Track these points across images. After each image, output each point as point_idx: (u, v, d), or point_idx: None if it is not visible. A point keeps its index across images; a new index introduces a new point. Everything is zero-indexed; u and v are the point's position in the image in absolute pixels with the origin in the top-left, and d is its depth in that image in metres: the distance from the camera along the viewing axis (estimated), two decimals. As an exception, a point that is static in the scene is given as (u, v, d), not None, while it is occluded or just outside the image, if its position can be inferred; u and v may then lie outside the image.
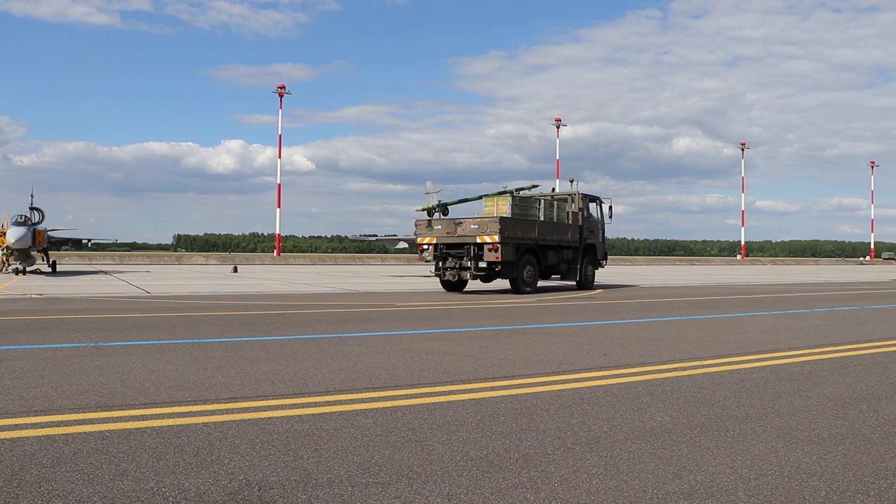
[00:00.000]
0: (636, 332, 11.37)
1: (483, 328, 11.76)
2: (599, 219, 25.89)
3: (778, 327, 12.22)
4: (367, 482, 3.82)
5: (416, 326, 11.94)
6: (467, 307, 16.26)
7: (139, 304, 15.93)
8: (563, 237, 23.37)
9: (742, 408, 5.67)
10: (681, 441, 4.67)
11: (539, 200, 23.12)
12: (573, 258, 23.88)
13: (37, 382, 6.37)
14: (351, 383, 6.51)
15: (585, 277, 24.39)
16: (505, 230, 20.59)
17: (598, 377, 6.99)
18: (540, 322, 13.01)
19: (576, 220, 24.22)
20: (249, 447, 4.41)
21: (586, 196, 25.10)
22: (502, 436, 4.74)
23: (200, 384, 6.40)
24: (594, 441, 4.64)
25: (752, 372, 7.41)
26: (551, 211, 23.22)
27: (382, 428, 4.90)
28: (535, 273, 21.97)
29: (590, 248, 24.92)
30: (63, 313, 13.55)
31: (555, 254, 23.03)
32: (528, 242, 21.74)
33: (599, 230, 25.75)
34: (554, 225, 23.09)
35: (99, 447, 4.36)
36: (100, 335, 10.01)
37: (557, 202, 23.75)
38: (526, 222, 21.76)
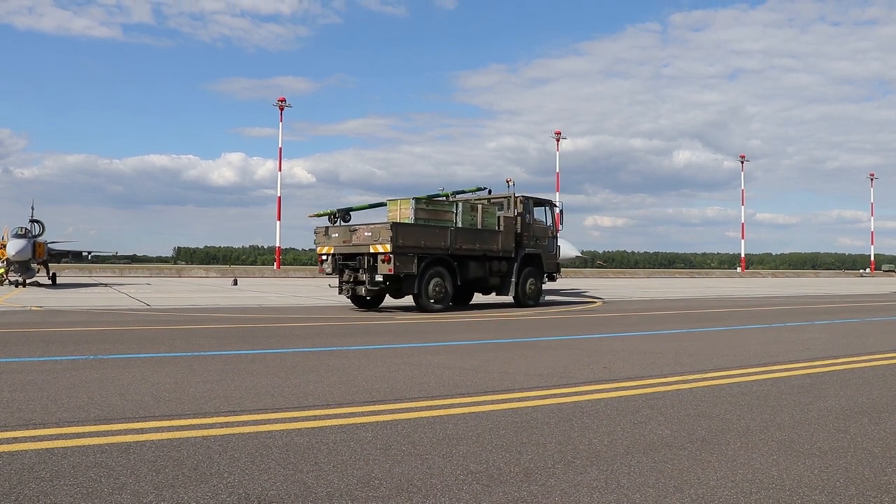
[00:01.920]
0: (637, 345, 11.35)
1: (483, 341, 11.74)
2: (551, 226, 22.94)
3: (778, 340, 12.20)
4: (366, 496, 3.81)
5: (415, 339, 11.92)
6: (467, 320, 16.24)
7: (139, 317, 15.91)
8: (491, 246, 20.36)
9: (743, 421, 5.66)
10: (681, 454, 4.65)
11: (457, 204, 20.20)
12: (507, 270, 20.93)
13: (36, 395, 6.35)
14: (351, 396, 6.50)
15: (524, 292, 21.20)
16: (400, 238, 17.98)
17: (599, 390, 6.97)
18: (540, 335, 12.99)
19: (510, 227, 21.01)
20: (249, 461, 4.39)
21: (530, 199, 22.19)
22: (502, 449, 4.72)
23: (200, 397, 6.39)
24: (595, 454, 4.63)
25: (753, 385, 7.39)
26: (472, 216, 20.24)
27: (382, 441, 4.89)
28: (445, 288, 18.96)
29: (532, 258, 21.78)
30: (63, 326, 13.54)
31: (479, 265, 20.15)
32: (437, 252, 18.92)
33: (549, 238, 22.70)
34: (476, 232, 20.03)
35: (98, 460, 4.35)
36: (99, 348, 10.00)
37: (483, 206, 20.61)
38: (432, 229, 18.96)
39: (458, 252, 19.38)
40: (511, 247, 20.88)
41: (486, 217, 20.50)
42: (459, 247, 19.41)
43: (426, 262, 18.59)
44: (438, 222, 19.31)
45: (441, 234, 19.06)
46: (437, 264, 18.98)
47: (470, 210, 20.27)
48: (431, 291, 18.67)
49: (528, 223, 21.69)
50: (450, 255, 19.21)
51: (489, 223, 20.51)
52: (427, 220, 19.13)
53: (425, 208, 19.31)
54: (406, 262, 18.12)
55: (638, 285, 46.62)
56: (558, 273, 23.78)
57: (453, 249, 19.23)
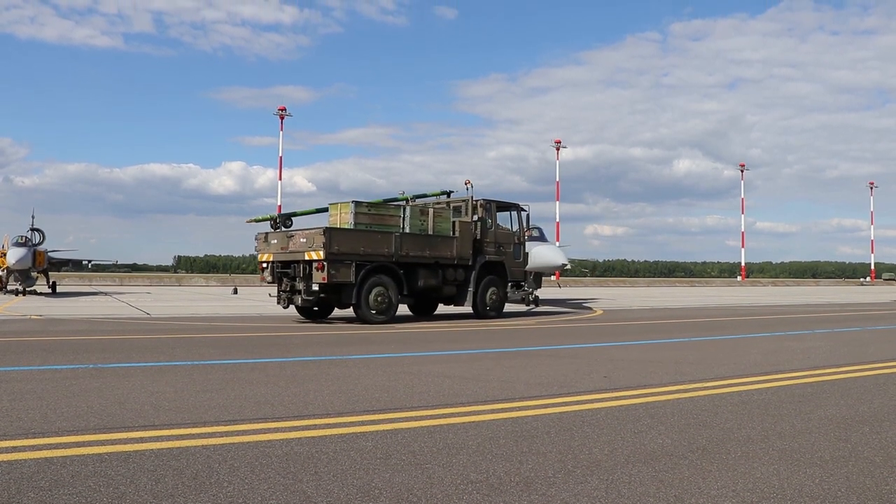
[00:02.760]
0: (637, 353, 11.34)
1: (483, 350, 11.73)
2: (517, 231, 21.41)
3: (779, 349, 12.18)
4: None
5: (416, 348, 11.92)
6: (468, 329, 16.23)
7: (139, 326, 15.90)
8: (444, 253, 18.98)
9: (744, 430, 5.65)
10: (682, 464, 4.64)
11: (404, 208, 18.92)
12: (464, 279, 19.51)
13: (35, 404, 6.34)
14: (351, 406, 6.49)
15: (483, 303, 19.75)
16: (335, 244, 16.78)
17: (599, 399, 6.96)
18: (540, 344, 12.98)
19: (466, 233, 19.55)
20: (249, 470, 4.38)
21: (492, 203, 20.72)
22: (503, 459, 4.71)
23: (200, 406, 6.38)
24: (595, 464, 4.62)
25: (754, 394, 7.38)
26: (422, 220, 18.86)
27: (382, 451, 4.88)
28: (389, 298, 17.64)
29: (493, 266, 20.34)
30: (62, 334, 13.53)
31: (431, 273, 18.77)
32: (380, 259, 17.66)
33: (515, 245, 21.22)
34: (426, 238, 18.66)
35: (97, 469, 4.34)
36: (99, 357, 9.99)
37: (435, 210, 19.34)
38: (374, 234, 17.72)
39: (404, 259, 18.16)
40: (468, 254, 19.56)
41: (439, 222, 19.19)
42: (406, 253, 18.17)
43: (367, 270, 17.35)
44: (382, 227, 18.13)
45: (384, 239, 17.86)
46: (380, 272, 17.74)
47: (419, 214, 18.96)
48: (373, 301, 17.36)
49: (489, 228, 20.37)
50: (395, 262, 17.99)
51: (442, 228, 19.20)
52: (369, 224, 17.93)
53: (367, 212, 18.11)
54: (342, 270, 16.96)
55: (638, 294, 46.59)
56: (530, 283, 22.16)
57: (399, 256, 18.01)
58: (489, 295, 19.95)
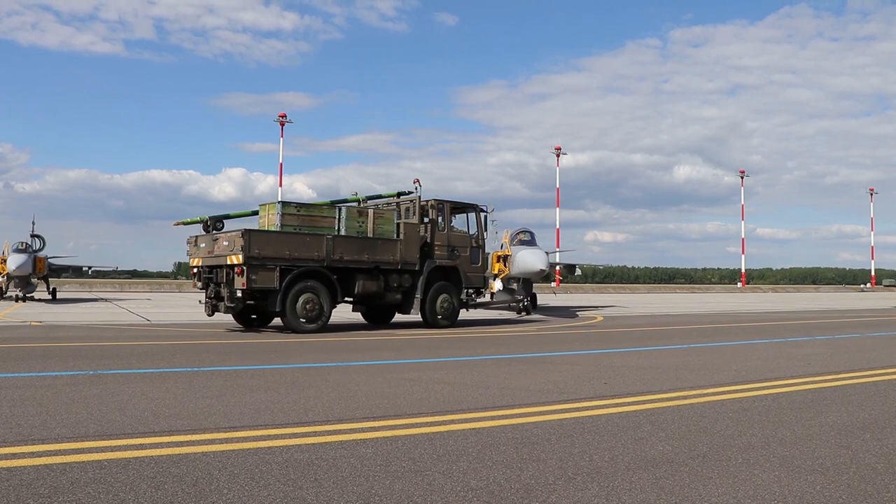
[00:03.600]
0: (637, 360, 11.32)
1: (483, 357, 11.72)
2: (477, 234, 20.01)
3: (779, 355, 12.17)
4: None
5: (416, 355, 11.91)
6: (468, 336, 16.22)
7: (139, 332, 15.89)
8: (385, 257, 17.78)
9: (744, 437, 5.64)
10: (683, 470, 4.63)
11: (339, 209, 17.82)
12: (411, 285, 18.34)
13: (35, 411, 6.33)
14: (351, 412, 6.48)
15: (433, 311, 18.44)
16: (255, 247, 15.79)
17: (600, 406, 6.95)
18: (540, 350, 12.97)
19: (412, 235, 18.32)
20: (249, 477, 4.37)
21: (445, 204, 19.44)
22: (503, 465, 4.70)
23: (200, 413, 6.37)
24: (596, 471, 4.61)
25: (754, 400, 7.37)
26: (360, 222, 17.70)
27: (382, 458, 4.87)
28: (320, 305, 16.56)
29: (445, 271, 19.05)
30: (62, 341, 13.52)
31: (370, 279, 17.59)
32: (310, 264, 16.62)
33: (472, 249, 19.75)
34: (364, 241, 17.51)
35: (97, 476, 4.33)
36: (99, 363, 9.98)
37: (375, 211, 18.30)
38: (302, 237, 16.66)
39: (339, 264, 17.09)
40: (414, 258, 18.28)
41: (381, 223, 18.03)
42: (340, 257, 17.08)
43: (293, 276, 16.31)
44: (313, 229, 17.03)
45: (314, 242, 16.77)
46: (309, 278, 16.61)
47: (357, 216, 17.78)
48: (301, 309, 16.28)
49: (440, 231, 19.11)
50: (327, 266, 16.89)
51: (384, 231, 18.03)
52: (298, 226, 16.89)
53: (296, 213, 17.06)
54: (264, 276, 15.95)
55: (638, 300, 46.58)
56: (484, 288, 20.66)
57: (332, 261, 16.93)
58: (440, 302, 18.63)
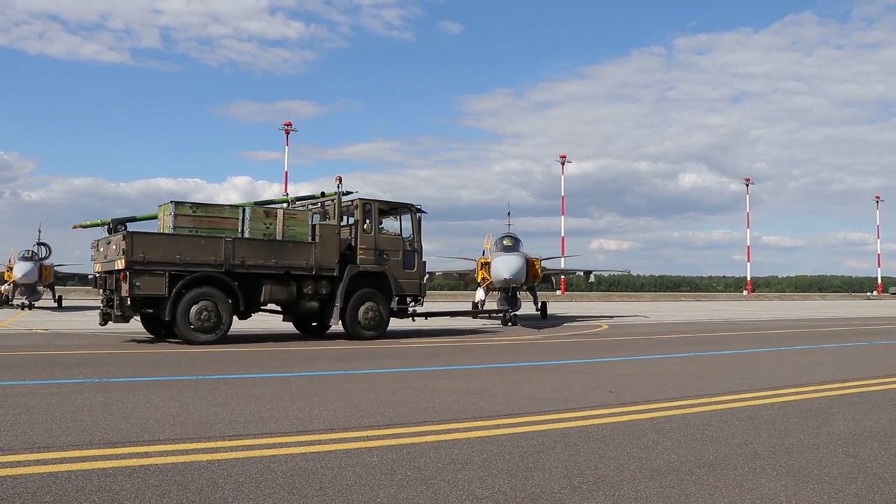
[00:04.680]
0: (643, 368, 11.29)
1: (488, 365, 11.70)
2: (410, 237, 18.43)
3: (786, 363, 12.12)
4: (371, 521, 3.78)
5: (421, 363, 11.89)
6: (473, 344, 16.21)
7: (144, 340, 15.89)
8: (297, 261, 16.35)
9: (750, 445, 5.61)
10: (689, 479, 4.61)
11: (243, 209, 16.35)
12: (329, 292, 16.87)
13: (40, 419, 6.34)
14: (356, 421, 6.47)
15: (355, 320, 16.93)
16: (140, 250, 14.58)
17: (605, 414, 6.93)
18: (545, 359, 12.95)
19: (330, 238, 16.82)
20: (254, 485, 4.37)
21: (373, 203, 17.88)
22: (508, 474, 4.69)
23: (205, 421, 6.37)
24: (601, 479, 4.59)
25: (761, 409, 7.34)
26: (268, 224, 16.24)
27: (387, 466, 4.86)
28: (218, 314, 15.20)
29: (370, 277, 17.55)
30: (68, 349, 13.54)
31: (280, 286, 16.25)
32: (206, 269, 15.25)
33: (405, 252, 18.14)
34: (271, 244, 16.07)
35: (102, 484, 4.33)
36: (104, 371, 9.99)
37: (286, 212, 16.88)
38: (195, 239, 15.30)
39: (241, 269, 15.69)
40: (333, 262, 16.81)
41: (292, 225, 16.56)
42: (242, 262, 15.65)
43: (185, 282, 15.01)
44: (213, 231, 15.65)
45: (211, 245, 15.37)
46: (204, 284, 15.30)
47: (264, 217, 16.33)
48: (194, 318, 14.92)
49: (366, 233, 17.57)
50: (226, 272, 15.52)
51: (297, 233, 16.56)
52: (195, 228, 15.52)
53: (192, 214, 15.60)
54: (151, 282, 14.70)
55: (644, 309, 46.47)
56: (422, 296, 18.96)
57: (232, 265, 15.54)
58: (364, 311, 17.10)
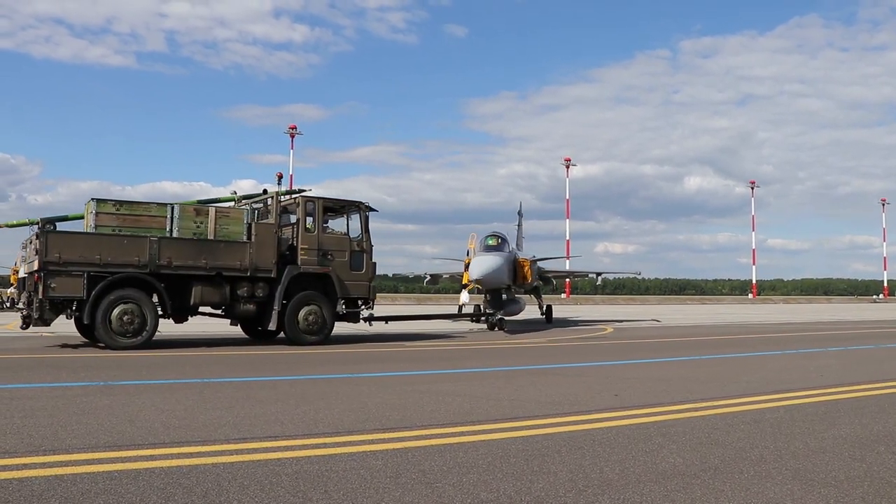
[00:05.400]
0: (648, 372, 11.27)
1: (493, 368, 11.69)
2: (359, 237, 17.43)
3: (791, 367, 12.08)
4: (376, 525, 3.77)
5: (426, 367, 11.89)
6: (478, 347, 16.20)
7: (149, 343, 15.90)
8: (231, 262, 15.48)
9: (756, 449, 5.59)
10: (694, 483, 4.60)
11: (171, 207, 15.48)
12: (267, 295, 15.96)
13: (46, 421, 6.36)
14: (361, 424, 6.47)
15: (294, 324, 16.08)
16: (55, 251, 13.92)
17: (610, 418, 6.91)
18: (550, 362, 12.93)
19: (267, 237, 16.00)
20: (259, 489, 4.37)
21: (316, 201, 17.03)
22: (513, 478, 4.68)
23: (210, 424, 6.38)
24: (606, 483, 4.58)
25: (766, 412, 7.32)
26: (199, 223, 15.44)
27: (392, 470, 4.86)
28: (143, 317, 14.51)
29: (313, 279, 16.67)
30: (73, 352, 13.57)
31: (212, 288, 15.36)
32: (128, 270, 14.49)
33: (352, 253, 17.12)
34: (203, 244, 15.27)
35: (107, 487, 4.34)
36: (109, 374, 10.01)
37: (219, 210, 16.04)
38: (117, 239, 14.53)
39: (167, 270, 14.92)
40: (270, 263, 15.93)
41: (226, 224, 15.71)
42: (169, 262, 14.86)
43: (106, 284, 14.27)
44: (138, 230, 14.87)
45: (134, 245, 14.61)
46: (127, 286, 14.59)
47: (194, 215, 15.51)
48: (116, 322, 14.24)
49: (309, 232, 16.73)
50: (151, 273, 14.77)
51: (230, 232, 15.71)
52: (118, 227, 14.76)
53: (115, 213, 14.81)
54: (67, 283, 14.00)
55: (649, 312, 46.40)
56: (373, 299, 17.89)
57: (158, 266, 14.77)
58: (304, 315, 16.25)
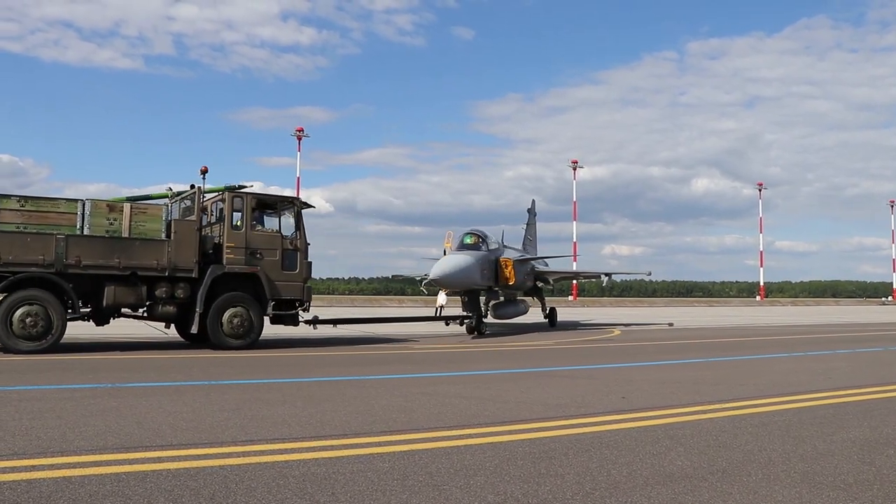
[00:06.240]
0: (655, 374, 11.23)
1: (500, 371, 11.68)
2: (292, 235, 16.50)
3: (800, 369, 12.03)
4: (383, 527, 3.77)
5: (432, 369, 11.89)
6: (484, 350, 16.18)
7: (157, 345, 15.97)
8: (147, 261, 14.66)
9: (764, 452, 5.57)
10: (702, 486, 4.58)
11: (82, 203, 14.66)
12: (189, 296, 15.11)
13: (54, 423, 6.38)
14: (368, 426, 6.47)
15: (217, 328, 15.19)
16: None
17: (617, 420, 6.90)
18: (557, 364, 12.91)
19: (187, 235, 15.13)
20: (266, 491, 4.38)
21: (244, 197, 16.03)
22: (520, 480, 4.67)
23: (217, 426, 6.39)
24: (614, 486, 4.57)
25: (774, 415, 7.29)
26: (112, 219, 14.65)
27: (399, 472, 4.86)
28: (49, 319, 13.73)
29: (238, 279, 15.73)
30: (81, 354, 13.62)
31: (127, 289, 14.54)
32: (32, 269, 13.80)
33: (284, 252, 16.18)
34: (116, 242, 14.47)
35: (115, 489, 4.35)
36: (117, 376, 10.04)
37: (135, 206, 15.20)
38: (20, 236, 13.84)
39: (76, 269, 14.16)
40: (191, 262, 15.05)
41: (143, 221, 14.91)
42: (78, 261, 14.10)
43: (6, 284, 13.66)
44: (45, 227, 14.14)
45: (39, 243, 13.88)
46: (31, 286, 13.86)
47: (107, 212, 14.70)
48: (17, 325, 13.46)
49: (236, 230, 15.79)
50: (58, 273, 14.01)
51: (148, 229, 14.91)
52: (23, 224, 14.02)
53: (18, 209, 14.10)
54: None
55: (657, 314, 46.26)
56: (308, 300, 16.77)
57: (65, 265, 14.02)
58: (229, 317, 15.37)
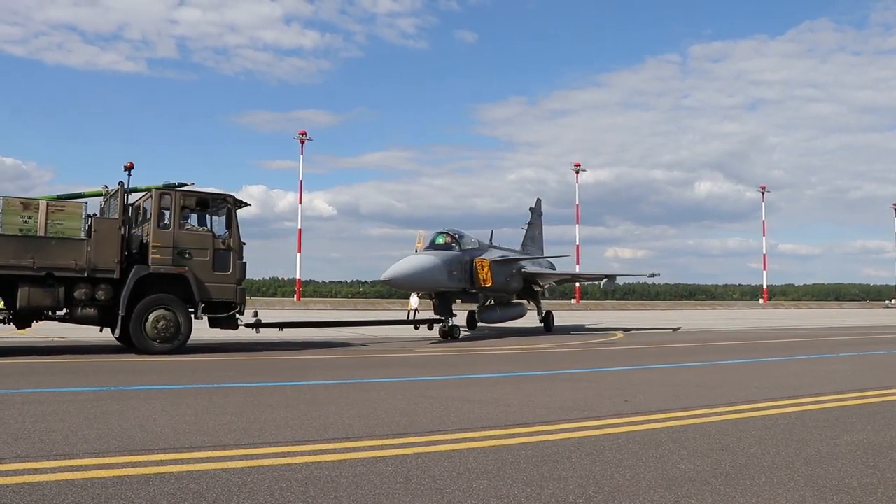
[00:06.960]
0: (658, 377, 11.22)
1: (503, 374, 11.67)
2: (224, 234, 15.83)
3: (803, 372, 12.00)
4: (386, 530, 3.77)
5: (435, 372, 11.88)
6: (487, 353, 16.17)
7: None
8: (65, 261, 14.09)
9: (768, 455, 5.56)
10: (705, 490, 4.57)
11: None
12: (111, 298, 14.50)
13: (57, 426, 6.39)
14: (371, 430, 6.47)
15: (141, 331, 14.60)
16: None
17: (620, 424, 6.89)
18: (560, 368, 12.90)
19: (108, 234, 14.60)
20: (268, 494, 4.37)
21: (173, 195, 15.35)
22: (523, 484, 4.67)
23: (220, 429, 6.39)
24: (617, 489, 4.56)
25: (778, 418, 7.27)
26: (26, 217, 14.10)
27: (402, 475, 4.85)
28: None
29: (163, 280, 15.11)
30: (85, 357, 13.63)
31: (42, 291, 13.98)
32: None
33: (216, 252, 15.51)
34: (27, 240, 13.92)
35: (118, 492, 4.35)
36: (121, 379, 10.05)
37: (50, 204, 14.61)
38: None
39: None
40: (112, 263, 14.48)
41: (60, 219, 14.36)
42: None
43: None
44: None
45: None
46: None
47: (21, 209, 14.13)
48: None
49: (163, 228, 15.14)
50: None
51: (65, 228, 14.37)
52: None
53: None
54: None
55: (659, 317, 46.20)
56: (243, 303, 16.14)
57: None
58: (153, 321, 14.72)
